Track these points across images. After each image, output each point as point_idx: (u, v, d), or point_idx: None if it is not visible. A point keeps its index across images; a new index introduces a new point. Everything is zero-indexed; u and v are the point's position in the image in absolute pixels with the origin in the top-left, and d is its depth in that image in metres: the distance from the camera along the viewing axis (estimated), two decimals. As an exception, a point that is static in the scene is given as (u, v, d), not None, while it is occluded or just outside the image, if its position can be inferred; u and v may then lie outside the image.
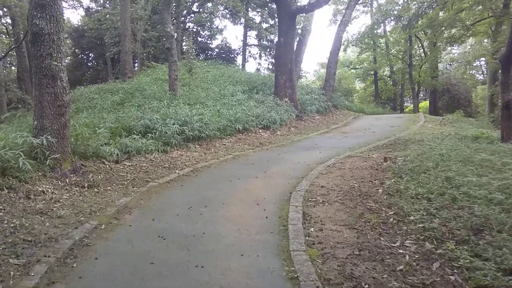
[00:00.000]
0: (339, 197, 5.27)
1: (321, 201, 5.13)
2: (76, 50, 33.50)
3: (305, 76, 33.72)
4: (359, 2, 39.64)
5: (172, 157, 8.34)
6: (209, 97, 13.90)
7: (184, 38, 28.55)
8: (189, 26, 35.78)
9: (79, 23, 33.68)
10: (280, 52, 15.85)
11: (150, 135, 8.84)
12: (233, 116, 11.87)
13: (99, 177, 6.44)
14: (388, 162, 6.94)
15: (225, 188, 5.96)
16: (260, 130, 12.66)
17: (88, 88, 16.78)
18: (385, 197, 5.08)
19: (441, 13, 24.61)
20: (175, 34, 16.79)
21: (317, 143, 10.59)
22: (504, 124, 8.94)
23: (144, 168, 7.33)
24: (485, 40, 36.02)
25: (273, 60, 36.41)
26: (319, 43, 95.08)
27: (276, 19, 32.73)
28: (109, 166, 7.07)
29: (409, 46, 33.10)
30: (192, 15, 35.09)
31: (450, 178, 5.17)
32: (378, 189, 5.45)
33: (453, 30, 23.29)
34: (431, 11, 23.96)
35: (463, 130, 11.49)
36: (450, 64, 43.15)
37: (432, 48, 29.12)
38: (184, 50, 25.01)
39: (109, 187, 6.03)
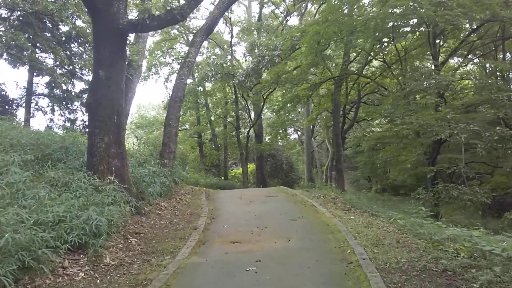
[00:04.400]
0: None
1: None
2: None
3: (135, 137, 26.01)
4: (173, 59, 35.71)
5: None
6: None
7: None
8: None
9: None
10: (98, 94, 8.99)
11: None
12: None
13: None
14: None
15: None
16: (67, 261, 5.42)
17: None
18: None
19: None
20: None
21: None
22: None
23: None
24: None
25: (71, 116, 27.63)
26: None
27: (76, 63, 24.97)
28: None
29: (236, 108, 30.13)
30: None
31: None
32: None
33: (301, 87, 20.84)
34: (270, 67, 21.24)
35: (427, 230, 7.08)
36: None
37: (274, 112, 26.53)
38: None
39: None
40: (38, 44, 22.25)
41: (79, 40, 23.51)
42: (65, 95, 27.55)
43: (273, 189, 15.62)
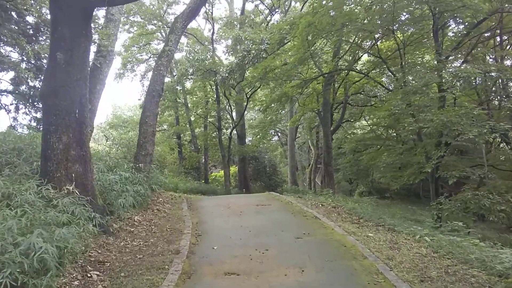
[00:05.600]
0: None
1: None
2: None
3: (104, 137, 23.43)
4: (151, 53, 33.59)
5: None
6: None
7: None
8: None
9: None
10: (56, 83, 7.18)
11: None
12: None
13: None
14: None
15: None
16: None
17: None
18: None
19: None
20: None
21: None
22: None
23: None
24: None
25: (37, 115, 25.09)
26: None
27: (44, 57, 22.74)
28: None
29: (217, 107, 28.31)
30: None
31: None
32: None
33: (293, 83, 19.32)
34: (256, 62, 19.67)
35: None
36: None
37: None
38: None
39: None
40: (2, 37, 19.88)
41: (48, 33, 21.24)
42: (31, 92, 25.03)
43: (263, 196, 13.97)
